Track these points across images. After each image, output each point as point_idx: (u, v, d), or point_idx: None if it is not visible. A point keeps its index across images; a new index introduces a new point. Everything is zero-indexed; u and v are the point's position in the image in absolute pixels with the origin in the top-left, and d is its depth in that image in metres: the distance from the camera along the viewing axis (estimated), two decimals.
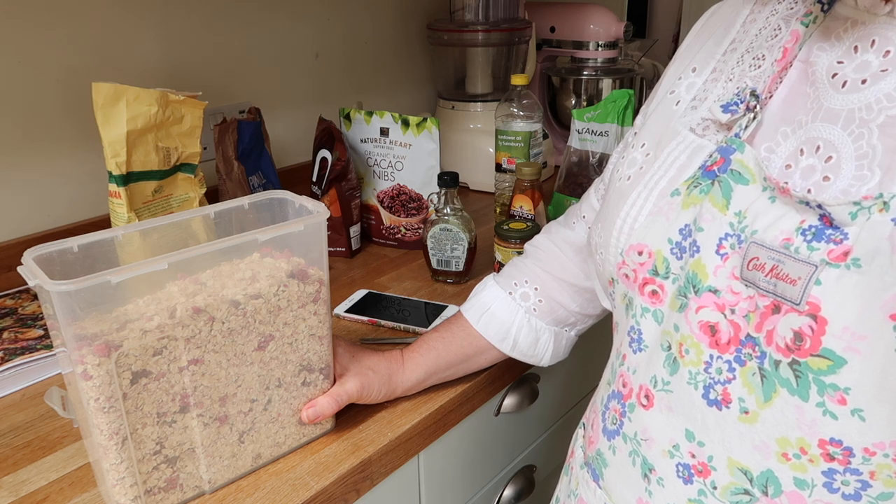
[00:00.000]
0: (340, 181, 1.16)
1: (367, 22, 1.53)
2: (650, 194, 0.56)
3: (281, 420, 0.70)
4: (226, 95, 1.30)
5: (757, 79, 0.55)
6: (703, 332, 0.50)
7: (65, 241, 0.60)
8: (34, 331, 0.92)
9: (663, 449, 0.54)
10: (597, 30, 1.56)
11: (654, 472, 0.55)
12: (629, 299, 0.57)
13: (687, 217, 0.52)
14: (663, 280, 0.53)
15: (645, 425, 0.55)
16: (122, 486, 0.60)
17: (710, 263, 0.49)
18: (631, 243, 0.56)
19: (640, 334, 0.56)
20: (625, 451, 0.58)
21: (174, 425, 0.62)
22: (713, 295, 0.49)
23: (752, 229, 0.48)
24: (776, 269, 0.45)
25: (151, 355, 0.58)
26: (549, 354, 0.82)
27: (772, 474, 0.48)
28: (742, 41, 0.58)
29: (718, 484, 0.51)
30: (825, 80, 0.50)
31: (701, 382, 0.51)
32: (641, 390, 0.56)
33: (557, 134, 1.67)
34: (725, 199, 0.50)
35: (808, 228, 0.45)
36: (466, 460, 0.94)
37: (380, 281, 1.11)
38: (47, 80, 1.07)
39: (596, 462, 0.62)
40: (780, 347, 0.45)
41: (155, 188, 0.97)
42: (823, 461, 0.46)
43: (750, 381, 0.48)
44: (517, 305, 0.79)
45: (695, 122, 0.57)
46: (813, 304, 0.43)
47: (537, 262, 0.80)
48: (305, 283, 0.66)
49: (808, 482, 0.47)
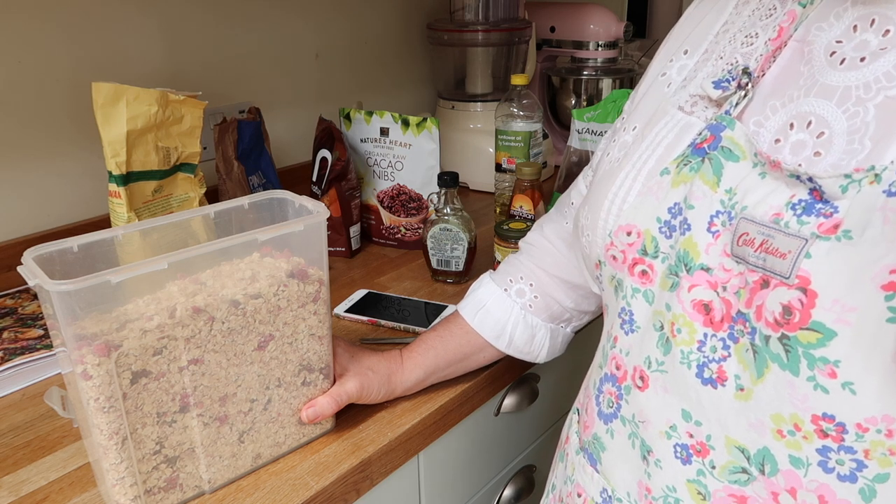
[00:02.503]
0: (340, 181, 1.16)
1: (367, 22, 1.53)
2: (638, 174, 0.55)
3: (281, 420, 0.70)
4: (226, 95, 1.30)
5: (748, 55, 0.55)
6: (696, 311, 0.50)
7: (65, 241, 0.60)
8: (34, 331, 0.92)
9: (660, 430, 0.53)
10: (597, 30, 1.57)
11: (652, 454, 0.54)
12: (618, 281, 0.57)
13: (677, 195, 0.52)
14: (652, 260, 0.53)
15: (641, 407, 0.54)
16: (121, 486, 0.60)
17: (702, 241, 0.49)
18: (619, 224, 0.55)
19: (631, 315, 0.55)
20: (624, 433, 0.57)
21: (174, 425, 0.62)
22: (705, 273, 0.49)
23: (742, 205, 0.47)
24: (766, 244, 0.45)
25: (151, 355, 0.58)
26: (546, 351, 0.82)
27: (768, 452, 0.48)
28: (735, 23, 0.58)
29: (717, 463, 0.50)
30: (823, 57, 0.49)
31: (694, 361, 0.50)
32: (636, 372, 0.55)
33: (557, 134, 1.67)
34: (716, 177, 0.49)
35: (798, 203, 0.44)
36: (466, 460, 0.94)
37: (380, 281, 1.11)
38: (47, 80, 1.07)
39: (593, 447, 0.61)
40: (770, 322, 0.45)
41: (155, 188, 0.97)
42: (817, 437, 0.45)
43: (744, 358, 0.47)
44: (512, 302, 0.79)
45: (683, 100, 0.57)
46: (803, 278, 0.43)
47: (532, 258, 0.81)
48: (305, 283, 0.66)
49: (804, 460, 0.46)
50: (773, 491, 0.48)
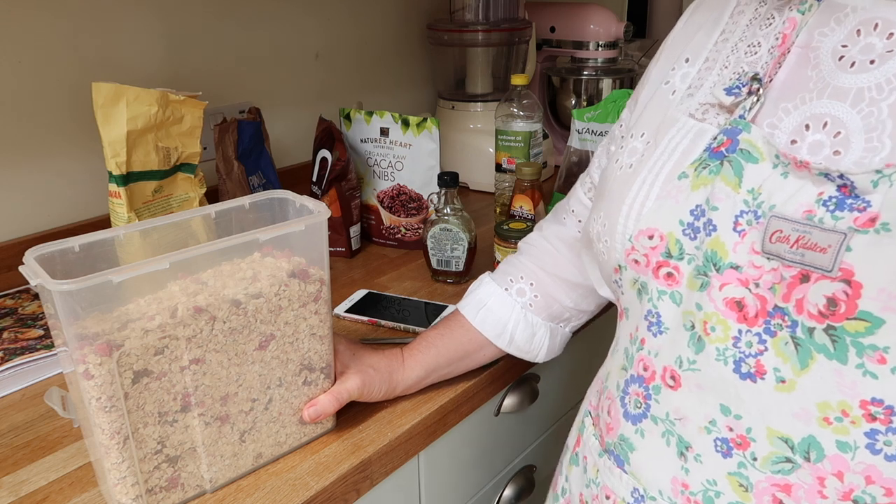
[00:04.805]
0: (340, 181, 1.16)
1: (367, 22, 1.53)
2: (656, 179, 0.57)
3: (282, 419, 0.70)
4: (226, 95, 1.30)
5: (754, 64, 0.57)
6: (729, 309, 0.51)
7: (66, 241, 0.60)
8: (34, 331, 0.92)
9: (699, 426, 0.54)
10: (597, 30, 1.57)
11: (691, 450, 0.55)
12: (641, 284, 0.58)
13: (698, 198, 0.53)
14: (678, 262, 0.54)
15: (676, 405, 0.56)
16: (123, 486, 0.60)
17: (729, 241, 0.51)
18: (640, 228, 0.56)
19: (658, 317, 0.56)
20: (656, 432, 0.57)
21: (175, 425, 0.62)
22: (735, 271, 0.50)
23: (769, 204, 0.49)
24: (802, 240, 0.46)
25: (153, 355, 0.58)
26: (545, 350, 0.82)
27: (814, 440, 0.49)
28: (733, 31, 0.60)
29: (759, 455, 0.51)
30: (831, 61, 0.51)
31: (731, 357, 0.51)
32: (666, 372, 0.56)
33: (557, 134, 1.67)
34: (737, 178, 0.51)
35: (829, 199, 0.46)
36: (466, 460, 0.94)
37: (380, 281, 1.11)
38: (47, 80, 1.07)
39: (619, 448, 0.61)
40: (813, 314, 0.47)
41: (155, 188, 0.97)
42: (865, 422, 0.47)
43: (783, 351, 0.49)
44: (513, 301, 0.80)
45: (693, 108, 0.58)
46: (846, 270, 0.45)
47: (532, 258, 0.81)
48: (306, 283, 0.66)
49: (851, 444, 0.48)
50: (818, 476, 0.49)
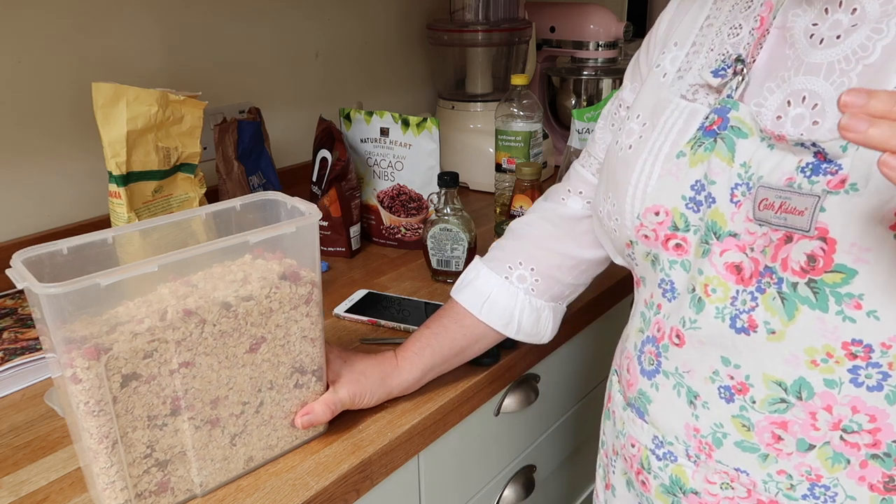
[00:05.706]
0: (340, 181, 1.15)
1: (367, 22, 1.53)
2: (656, 159, 0.61)
3: (273, 423, 0.69)
4: (226, 95, 1.30)
5: (736, 45, 0.61)
6: (728, 272, 0.57)
7: (54, 244, 0.60)
8: (34, 331, 0.92)
9: (704, 376, 0.60)
10: (597, 30, 1.56)
11: (699, 398, 0.61)
12: (654, 256, 0.63)
13: (696, 174, 0.58)
14: (685, 233, 0.60)
15: (683, 360, 0.61)
16: (112, 490, 0.60)
17: (727, 211, 0.56)
18: (646, 206, 0.61)
19: (671, 284, 0.62)
20: (668, 385, 0.63)
21: (165, 428, 0.62)
22: (734, 238, 0.56)
23: (757, 175, 0.54)
24: (784, 205, 0.51)
25: (142, 358, 0.58)
26: (550, 330, 0.84)
27: (804, 381, 0.54)
28: (717, 17, 0.64)
29: (757, 398, 0.57)
30: (803, 40, 0.56)
31: (727, 315, 0.57)
32: (672, 331, 0.62)
33: (557, 134, 1.67)
34: (731, 153, 0.56)
35: (807, 166, 0.51)
36: (466, 460, 0.94)
37: (380, 281, 1.10)
38: (47, 80, 1.07)
39: (639, 401, 0.67)
40: (796, 270, 0.52)
41: (155, 188, 0.98)
42: (848, 360, 0.52)
43: (772, 305, 0.54)
44: (516, 289, 0.80)
45: (684, 90, 0.63)
46: (821, 229, 0.50)
47: (529, 240, 0.81)
48: (297, 285, 0.66)
49: (837, 381, 0.53)
50: (811, 412, 0.55)
